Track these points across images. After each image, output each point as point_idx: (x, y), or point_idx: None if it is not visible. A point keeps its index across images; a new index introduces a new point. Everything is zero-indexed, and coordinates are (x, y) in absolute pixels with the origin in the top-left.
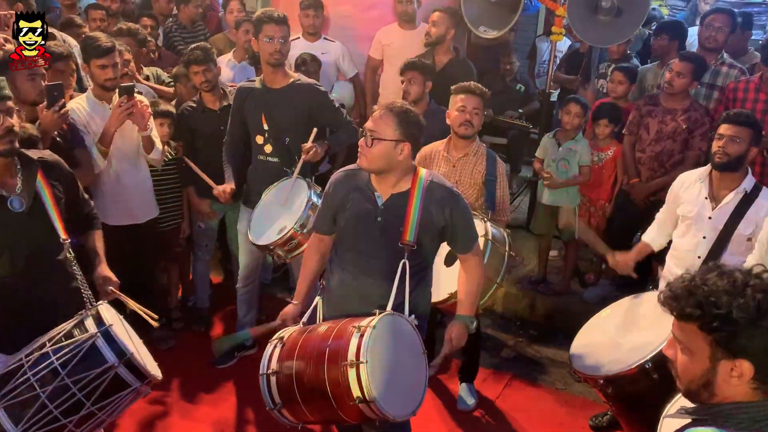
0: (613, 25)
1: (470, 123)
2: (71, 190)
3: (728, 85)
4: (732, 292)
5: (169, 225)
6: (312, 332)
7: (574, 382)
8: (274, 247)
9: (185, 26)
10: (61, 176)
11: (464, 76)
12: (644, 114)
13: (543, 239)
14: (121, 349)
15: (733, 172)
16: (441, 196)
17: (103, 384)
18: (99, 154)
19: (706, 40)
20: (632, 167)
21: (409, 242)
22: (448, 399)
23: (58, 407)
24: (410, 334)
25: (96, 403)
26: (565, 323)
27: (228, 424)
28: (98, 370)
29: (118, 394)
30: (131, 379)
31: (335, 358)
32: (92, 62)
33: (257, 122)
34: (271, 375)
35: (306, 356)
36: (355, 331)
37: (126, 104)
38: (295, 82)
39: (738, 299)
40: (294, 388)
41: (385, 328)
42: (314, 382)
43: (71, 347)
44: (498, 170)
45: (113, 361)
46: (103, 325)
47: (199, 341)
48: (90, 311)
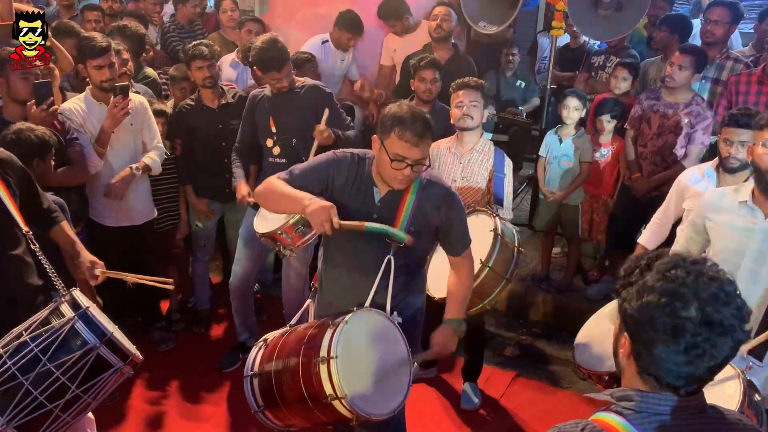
0: (613, 19)
1: (469, 116)
2: (25, 185)
3: (730, 79)
4: (647, 283)
5: (167, 225)
6: (291, 333)
7: (578, 379)
8: (281, 232)
9: (183, 26)
10: (13, 171)
11: (465, 72)
12: (646, 108)
13: (545, 236)
14: (101, 330)
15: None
16: (437, 196)
17: (86, 366)
18: (96, 155)
19: (705, 34)
20: (634, 162)
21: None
22: (452, 398)
23: (42, 393)
24: (390, 331)
25: (80, 385)
26: (569, 321)
27: (229, 425)
28: (80, 352)
29: (102, 375)
30: (113, 359)
31: (309, 355)
32: (88, 63)
33: (266, 125)
34: (254, 377)
35: (283, 356)
36: (329, 327)
37: (121, 103)
38: (300, 84)
39: (647, 277)
40: (273, 389)
41: (360, 323)
42: (290, 382)
43: (50, 333)
44: (506, 166)
45: (94, 342)
46: (79, 308)
47: (200, 342)
48: (64, 297)
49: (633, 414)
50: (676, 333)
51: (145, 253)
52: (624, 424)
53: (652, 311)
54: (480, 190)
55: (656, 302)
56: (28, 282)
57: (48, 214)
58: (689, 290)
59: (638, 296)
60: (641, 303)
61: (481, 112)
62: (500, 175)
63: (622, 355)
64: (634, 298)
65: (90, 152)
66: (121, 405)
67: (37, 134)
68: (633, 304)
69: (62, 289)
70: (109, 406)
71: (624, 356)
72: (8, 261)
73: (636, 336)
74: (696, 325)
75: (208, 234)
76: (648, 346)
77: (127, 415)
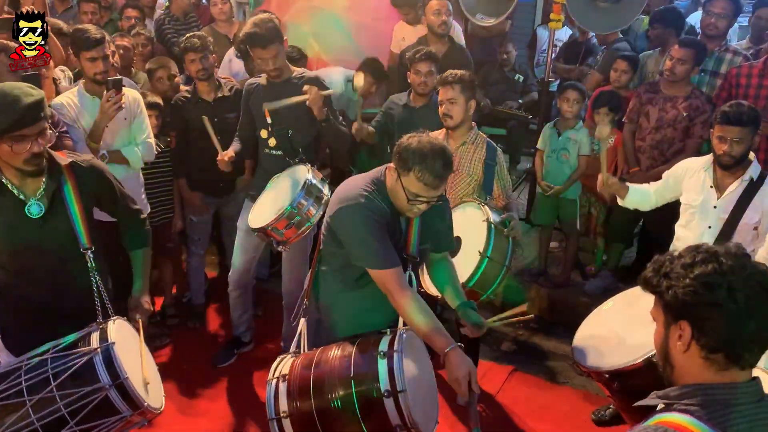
0: (612, 11)
1: (448, 116)
2: (106, 197)
3: (730, 71)
4: (684, 263)
5: (161, 220)
6: (322, 365)
7: (575, 375)
8: (273, 228)
9: (178, 18)
10: (91, 181)
11: (462, 65)
12: (644, 102)
13: (543, 230)
14: (116, 371)
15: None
16: (440, 203)
17: (91, 404)
18: (89, 151)
19: (707, 27)
20: (632, 156)
21: (413, 254)
22: (448, 393)
23: (40, 420)
24: (422, 347)
25: (80, 423)
26: (566, 315)
27: (225, 420)
28: (88, 388)
29: (105, 419)
30: (121, 405)
31: (366, 389)
32: (82, 55)
33: (261, 116)
34: (284, 417)
35: (325, 392)
36: (377, 355)
37: (114, 98)
38: (298, 75)
39: (680, 262)
40: (317, 428)
41: (406, 348)
42: (343, 418)
43: (68, 359)
44: (498, 157)
45: (105, 381)
46: (105, 342)
47: (195, 338)
48: (100, 325)
49: (699, 410)
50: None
51: None
52: (695, 423)
53: (708, 278)
54: (469, 184)
55: (708, 271)
56: (86, 298)
57: (136, 233)
58: (748, 265)
59: (685, 276)
60: (695, 276)
61: (464, 107)
62: (491, 163)
63: (679, 350)
64: (681, 278)
65: (83, 149)
66: None
67: None
68: (684, 282)
69: (111, 314)
70: None
71: (682, 348)
72: (71, 275)
73: (697, 314)
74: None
75: (202, 228)
76: (714, 316)
77: None
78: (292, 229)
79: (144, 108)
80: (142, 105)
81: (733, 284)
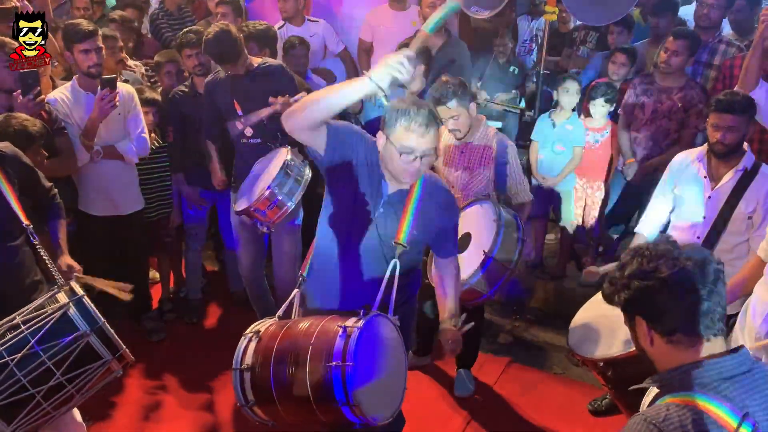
0: (606, 2)
1: (456, 130)
2: (27, 179)
3: (724, 63)
4: (618, 267)
5: (158, 214)
6: (292, 328)
7: (572, 366)
8: (255, 208)
9: (171, 13)
10: (12, 163)
11: (460, 58)
12: (639, 93)
13: (538, 222)
14: (93, 318)
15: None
16: (443, 200)
17: (74, 353)
18: (82, 147)
19: (700, 18)
20: (627, 147)
21: (402, 243)
22: (446, 385)
23: (26, 375)
24: (394, 336)
25: (66, 373)
26: (563, 307)
27: (222, 415)
28: (69, 338)
29: (89, 365)
30: (102, 350)
31: (319, 357)
32: (74, 48)
33: (231, 109)
34: (245, 370)
35: (286, 354)
36: (341, 330)
37: (109, 96)
38: (262, 65)
39: (626, 266)
40: (270, 386)
41: (370, 329)
42: (294, 381)
43: (43, 317)
44: (509, 153)
45: (84, 329)
46: (75, 296)
47: (192, 332)
48: (63, 287)
49: (694, 386)
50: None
51: (133, 244)
52: (700, 396)
53: (637, 271)
54: (483, 179)
55: (635, 266)
56: (26, 275)
57: (50, 207)
58: (675, 249)
59: (621, 277)
60: (628, 275)
61: (467, 116)
62: (502, 161)
63: (647, 344)
64: (619, 281)
65: (77, 145)
66: (113, 395)
67: (24, 124)
68: (622, 283)
69: (61, 281)
70: (100, 395)
71: (648, 342)
72: (6, 253)
73: (642, 306)
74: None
75: (200, 223)
76: (655, 302)
77: (119, 405)
78: (274, 209)
79: (138, 103)
80: (137, 100)
81: (661, 268)
